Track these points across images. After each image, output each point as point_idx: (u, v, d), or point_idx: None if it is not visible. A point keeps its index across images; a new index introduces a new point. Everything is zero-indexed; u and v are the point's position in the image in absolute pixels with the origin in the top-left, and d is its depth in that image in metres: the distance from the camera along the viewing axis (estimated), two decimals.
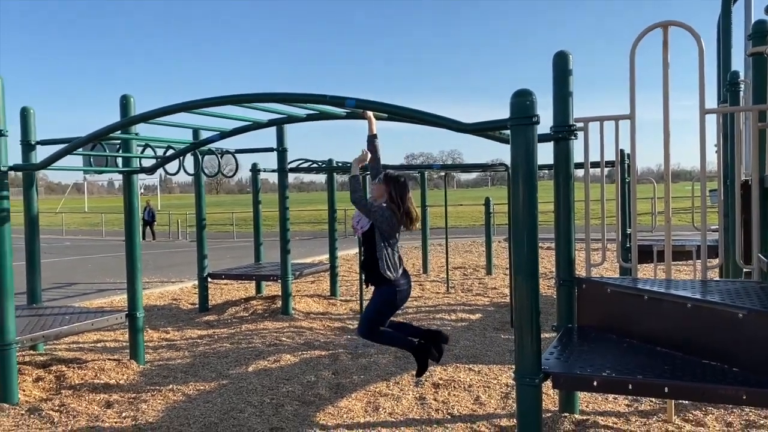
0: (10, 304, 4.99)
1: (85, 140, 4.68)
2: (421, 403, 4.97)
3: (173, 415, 4.74)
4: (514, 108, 3.32)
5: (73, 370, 5.78)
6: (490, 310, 8.63)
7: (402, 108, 3.83)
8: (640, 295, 3.86)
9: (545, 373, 3.38)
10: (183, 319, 8.48)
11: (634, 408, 4.74)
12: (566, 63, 4.24)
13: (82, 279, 13.08)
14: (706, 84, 4.09)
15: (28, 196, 6.53)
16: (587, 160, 4.43)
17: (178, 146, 6.63)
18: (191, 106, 4.24)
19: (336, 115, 5.36)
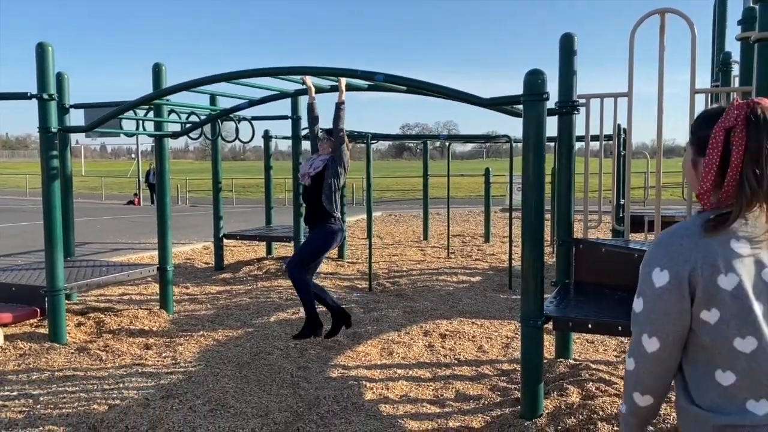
0: (59, 255, 5.47)
1: (133, 104, 5.12)
2: (430, 349, 5.52)
3: (208, 356, 5.28)
4: (527, 85, 3.79)
5: (109, 317, 6.30)
6: (489, 273, 9.18)
7: (425, 83, 4.29)
8: (631, 254, 4.38)
9: (546, 316, 3.91)
10: (200, 276, 8.99)
11: (621, 358, 5.30)
12: (572, 44, 4.68)
13: (94, 239, 13.52)
14: (702, 63, 4.56)
15: (63, 157, 6.95)
16: (588, 134, 4.91)
17: (200, 112, 7.06)
18: (232, 76, 4.68)
19: (357, 87, 5.80)
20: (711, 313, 1.46)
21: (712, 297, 1.45)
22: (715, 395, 1.49)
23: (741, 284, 1.44)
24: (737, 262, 1.45)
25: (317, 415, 4.09)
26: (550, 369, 4.80)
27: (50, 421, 3.93)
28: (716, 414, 1.47)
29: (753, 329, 1.45)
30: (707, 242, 1.47)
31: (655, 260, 1.52)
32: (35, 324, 6.01)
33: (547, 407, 4.00)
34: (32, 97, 5.27)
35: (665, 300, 1.49)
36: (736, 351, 1.46)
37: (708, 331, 1.48)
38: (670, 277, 1.48)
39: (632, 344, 1.58)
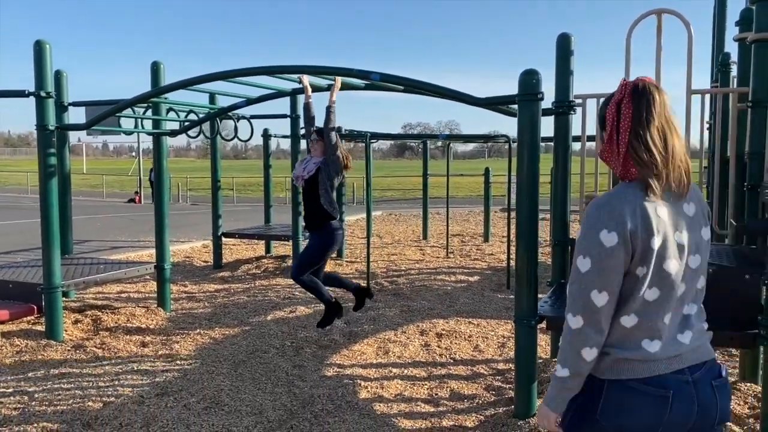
0: (56, 252, 5.49)
1: (131, 102, 5.13)
2: (426, 348, 5.53)
3: (204, 354, 5.29)
4: (522, 85, 3.80)
5: (106, 314, 6.31)
6: (487, 273, 9.18)
7: (421, 82, 4.30)
8: None
9: (540, 316, 3.92)
10: (198, 274, 9.00)
11: None
12: (568, 44, 4.67)
13: (94, 237, 13.55)
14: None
15: (61, 155, 6.96)
16: (584, 134, 4.90)
17: (199, 110, 7.07)
18: (229, 74, 4.69)
19: (354, 86, 5.81)
20: (642, 268, 1.69)
21: (645, 256, 1.68)
22: (618, 335, 1.73)
23: (664, 245, 1.69)
24: (663, 225, 1.70)
25: (311, 413, 4.10)
26: (545, 369, 4.80)
27: (45, 418, 3.94)
28: (617, 349, 1.73)
29: (662, 283, 1.70)
30: (643, 208, 1.69)
31: (601, 223, 1.69)
32: (32, 321, 6.03)
33: None
34: (30, 95, 5.28)
35: (615, 257, 1.67)
36: (644, 300, 1.71)
37: (632, 284, 1.71)
38: (618, 238, 1.67)
39: (577, 303, 1.72)
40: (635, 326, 1.73)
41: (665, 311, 1.73)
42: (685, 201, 1.78)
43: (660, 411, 1.69)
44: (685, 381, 1.72)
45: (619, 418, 1.71)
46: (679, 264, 1.73)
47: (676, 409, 1.69)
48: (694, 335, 1.78)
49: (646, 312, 1.72)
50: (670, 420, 1.69)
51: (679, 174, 1.74)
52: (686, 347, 1.75)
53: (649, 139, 1.71)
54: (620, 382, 1.72)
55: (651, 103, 1.73)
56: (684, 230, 1.75)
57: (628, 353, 1.72)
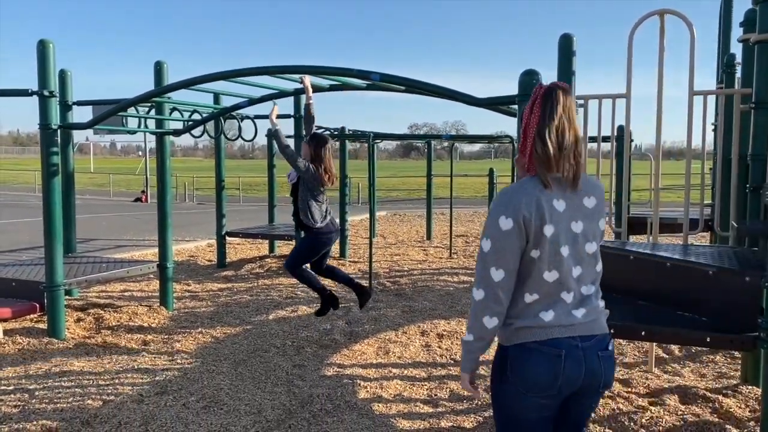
0: (59, 250, 5.51)
1: (132, 102, 5.15)
2: (426, 349, 5.52)
3: (205, 353, 5.30)
4: (522, 85, 3.79)
5: (109, 313, 6.33)
6: None
7: (421, 82, 4.29)
8: (626, 255, 4.36)
9: None
10: (202, 273, 9.02)
11: (619, 360, 5.29)
12: (570, 44, 4.65)
13: (99, 236, 13.60)
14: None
15: (65, 153, 6.99)
16: (585, 134, 4.88)
17: (203, 110, 7.09)
18: (231, 74, 4.70)
19: (356, 86, 5.81)
20: (536, 251, 1.96)
21: (538, 241, 1.95)
22: (520, 308, 2.02)
23: (556, 232, 1.96)
24: (556, 215, 1.96)
25: (309, 413, 4.10)
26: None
27: (44, 416, 3.96)
28: (518, 320, 2.02)
29: (558, 265, 1.98)
30: (539, 198, 1.95)
31: (500, 210, 1.96)
32: (35, 319, 6.06)
33: None
34: (33, 94, 5.30)
35: (510, 240, 1.94)
36: (544, 280, 1.99)
37: (530, 264, 1.98)
38: (513, 224, 1.93)
39: (480, 278, 2.00)
40: (536, 301, 2.01)
41: (563, 289, 2.01)
42: (585, 195, 2.04)
43: (556, 367, 1.98)
44: (575, 345, 2.00)
45: (524, 375, 2.00)
46: (575, 250, 2.01)
47: (569, 367, 1.98)
48: (588, 311, 2.04)
49: (546, 290, 2.00)
50: (565, 374, 1.98)
51: (572, 169, 1.99)
52: (579, 320, 2.02)
53: (548, 137, 1.95)
54: (522, 345, 2.01)
55: (555, 105, 1.97)
56: (580, 220, 2.02)
57: (527, 322, 2.01)
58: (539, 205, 1.94)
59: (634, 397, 4.14)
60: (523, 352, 2.00)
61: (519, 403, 2.03)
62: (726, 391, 4.29)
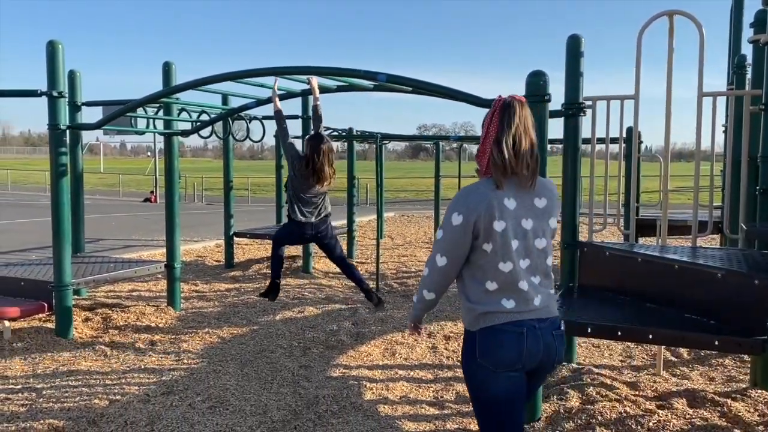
0: (67, 250, 5.54)
1: (140, 103, 5.17)
2: (433, 351, 5.51)
3: (212, 353, 5.31)
4: (529, 87, 3.77)
5: (116, 313, 6.36)
6: None
7: (427, 83, 4.28)
8: (634, 258, 4.33)
9: None
10: (210, 273, 9.04)
11: (627, 363, 5.26)
12: (578, 45, 4.63)
13: (108, 235, 13.67)
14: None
15: (74, 154, 7.03)
16: (594, 136, 4.86)
17: (211, 111, 7.10)
18: (238, 75, 4.71)
19: (363, 87, 5.81)
20: (488, 245, 2.24)
21: (489, 235, 2.23)
22: (482, 296, 2.29)
23: (506, 228, 2.23)
24: (506, 212, 2.24)
25: (315, 414, 4.09)
26: (553, 373, 4.76)
27: (51, 415, 3.97)
28: (482, 305, 2.29)
29: (510, 258, 2.25)
30: (490, 198, 2.22)
31: (455, 208, 2.26)
32: (43, 318, 6.09)
33: (546, 411, 3.97)
34: (42, 95, 5.33)
35: (458, 234, 2.25)
36: (500, 270, 2.26)
37: (484, 257, 2.27)
38: (463, 220, 2.23)
39: (430, 258, 2.34)
40: (497, 290, 2.28)
41: (519, 279, 2.27)
42: (537, 196, 2.31)
43: (519, 343, 2.25)
44: (533, 326, 2.28)
45: (492, 354, 2.27)
46: (524, 244, 2.28)
47: (530, 343, 2.26)
48: (542, 298, 2.34)
49: (503, 279, 2.27)
50: (527, 349, 2.26)
51: (529, 172, 2.26)
52: (535, 306, 2.30)
53: (504, 145, 2.22)
54: (487, 328, 2.28)
55: (512, 116, 2.25)
56: (530, 218, 2.29)
57: (491, 308, 2.28)
58: (490, 204, 2.22)
59: (642, 401, 4.11)
60: (489, 334, 2.28)
61: (490, 380, 2.29)
62: (735, 395, 4.25)
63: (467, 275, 2.34)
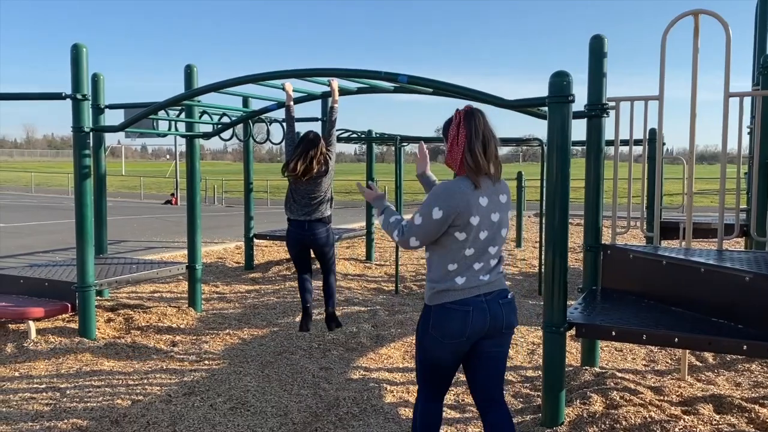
0: (90, 251, 5.59)
1: (163, 105, 5.21)
2: None
3: (233, 354, 5.32)
4: (552, 87, 3.73)
5: (138, 314, 6.40)
6: (518, 278, 9.07)
7: (449, 84, 4.25)
8: (659, 260, 4.27)
9: (570, 323, 3.84)
10: (230, 275, 9.09)
11: (650, 367, 5.18)
12: (602, 46, 4.58)
13: (130, 237, 13.81)
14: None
15: (97, 156, 7.10)
16: (617, 138, 4.80)
17: (232, 113, 7.14)
18: (259, 78, 4.72)
19: (384, 89, 5.80)
20: (461, 234, 2.67)
21: (465, 227, 2.65)
22: (442, 275, 2.72)
23: (480, 221, 2.67)
24: (481, 209, 2.67)
25: (336, 416, 4.08)
26: (575, 377, 4.71)
27: (75, 414, 4.01)
28: (439, 284, 2.73)
29: (477, 245, 2.70)
30: (469, 197, 2.64)
31: (437, 203, 2.65)
32: (67, 319, 6.15)
33: (569, 415, 3.92)
34: (66, 98, 5.39)
35: (434, 226, 2.66)
36: (463, 254, 2.70)
37: (455, 243, 2.68)
38: (442, 216, 2.64)
39: (405, 234, 2.74)
40: (455, 270, 2.70)
41: (476, 261, 2.71)
42: (500, 193, 2.76)
43: (465, 320, 2.70)
44: (480, 301, 2.72)
45: (441, 328, 2.72)
46: (491, 233, 2.72)
47: (475, 319, 2.71)
48: (491, 276, 2.77)
49: (464, 262, 2.70)
50: (472, 325, 2.71)
51: (495, 170, 2.71)
52: (484, 282, 2.74)
53: (476, 150, 2.65)
54: (441, 306, 2.73)
55: (477, 125, 2.67)
56: (497, 212, 2.73)
57: (445, 285, 2.71)
58: (469, 203, 2.63)
59: (667, 406, 4.05)
60: (441, 311, 2.72)
61: (438, 347, 2.77)
62: (763, 401, 4.17)
63: (435, 257, 2.76)
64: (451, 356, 2.77)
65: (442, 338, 2.72)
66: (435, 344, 2.76)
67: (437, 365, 2.81)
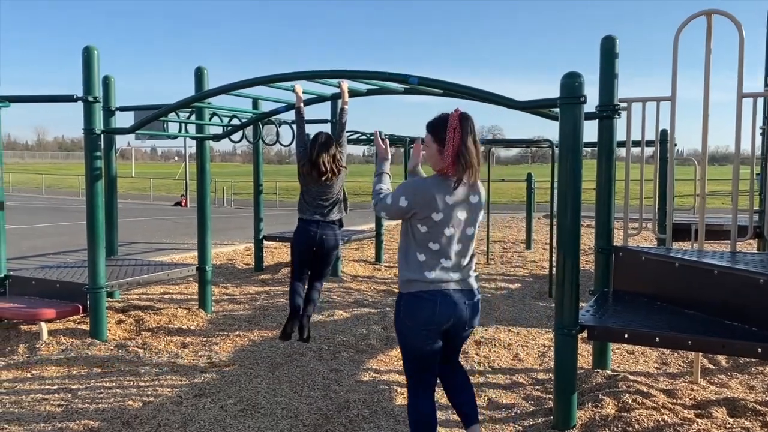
0: (101, 253, 5.61)
1: (173, 107, 5.22)
2: (464, 356, 5.44)
3: (243, 356, 5.33)
4: (564, 88, 3.70)
5: (149, 315, 6.42)
6: (528, 280, 9.04)
7: (459, 85, 4.24)
8: (671, 262, 4.24)
9: (581, 325, 3.81)
10: (240, 277, 9.10)
11: (662, 370, 5.14)
12: (613, 46, 4.56)
13: (139, 239, 13.87)
14: (752, 67, 4.38)
15: (108, 158, 7.14)
16: (629, 139, 4.77)
17: (241, 115, 7.16)
18: (269, 80, 4.73)
19: (394, 90, 5.79)
20: (423, 227, 2.92)
21: (427, 221, 2.91)
22: (413, 265, 2.95)
23: (443, 218, 2.90)
24: (445, 206, 2.90)
25: (346, 418, 4.07)
26: (587, 379, 4.68)
27: (86, 416, 4.02)
28: (410, 273, 2.95)
29: (440, 239, 2.92)
30: (434, 195, 2.90)
31: (405, 193, 2.94)
32: (78, 320, 6.18)
33: (581, 418, 3.89)
34: (77, 100, 5.42)
35: (399, 211, 2.97)
36: (428, 247, 2.93)
37: (420, 234, 2.94)
38: (406, 207, 2.93)
39: (378, 205, 3.06)
40: (424, 262, 2.93)
41: (443, 257, 2.93)
42: (472, 193, 2.97)
43: (433, 308, 2.92)
44: (447, 295, 2.93)
45: (412, 314, 2.95)
46: (457, 231, 2.93)
47: (441, 309, 2.93)
48: (461, 274, 2.98)
49: (431, 255, 2.93)
50: (439, 314, 2.93)
51: (472, 173, 2.92)
52: (452, 279, 2.95)
53: (467, 151, 2.87)
54: (411, 293, 2.95)
55: (471, 127, 2.90)
56: (465, 211, 2.95)
57: (416, 276, 2.93)
58: (433, 200, 2.88)
59: (680, 409, 4.01)
60: (412, 299, 2.95)
61: (411, 333, 2.98)
62: None
63: (406, 247, 3.00)
64: (425, 343, 2.96)
65: (412, 324, 2.95)
66: (409, 330, 2.98)
67: (415, 353, 3.02)
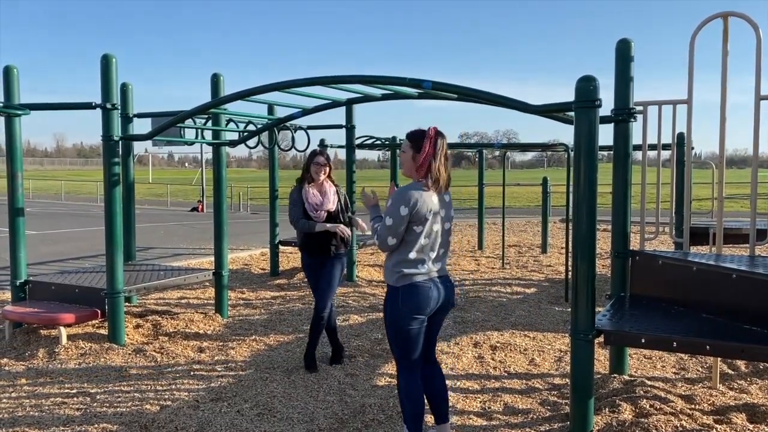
0: (119, 258, 5.67)
1: (190, 114, 5.27)
2: (479, 361, 5.44)
3: (259, 360, 5.36)
4: (579, 92, 3.69)
5: (166, 320, 6.48)
6: (544, 285, 8.99)
7: (473, 90, 4.24)
8: (689, 267, 4.20)
9: (598, 330, 3.79)
10: (256, 281, 9.15)
11: (680, 375, 5.09)
12: (628, 50, 4.54)
13: (156, 244, 13.99)
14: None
15: (126, 164, 7.22)
16: (645, 142, 4.75)
17: (257, 121, 7.20)
18: (285, 85, 4.76)
19: (408, 95, 5.80)
20: (419, 228, 3.33)
21: (421, 222, 3.32)
22: (407, 262, 3.35)
23: (434, 217, 3.36)
24: (433, 207, 3.35)
25: (362, 423, 4.08)
26: (604, 384, 4.65)
27: (105, 419, 4.07)
28: (405, 269, 3.35)
29: (430, 236, 3.37)
30: (425, 198, 3.32)
31: (401, 202, 3.29)
32: (96, 325, 6.25)
33: (598, 424, 3.87)
34: (96, 107, 5.49)
35: (402, 222, 3.30)
36: (421, 244, 3.35)
37: (413, 235, 3.33)
38: (407, 212, 3.29)
39: (381, 235, 3.35)
40: (415, 258, 3.34)
41: (430, 251, 3.39)
42: (445, 193, 3.46)
43: (428, 294, 3.37)
44: (436, 282, 3.41)
45: (409, 302, 3.34)
46: (440, 227, 3.41)
47: (434, 294, 3.39)
48: (441, 265, 3.47)
49: (422, 251, 3.35)
50: (432, 298, 3.37)
51: (444, 180, 3.38)
52: (435, 269, 3.42)
53: (440, 163, 3.35)
54: (409, 284, 3.35)
55: (442, 142, 3.39)
56: (443, 209, 3.43)
57: (412, 270, 3.35)
58: (425, 201, 3.31)
59: (699, 415, 3.97)
60: (411, 288, 3.35)
61: (407, 320, 3.36)
62: None
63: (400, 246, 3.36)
64: (419, 326, 3.39)
65: (409, 311, 3.34)
66: (405, 318, 3.35)
67: (408, 337, 3.38)
